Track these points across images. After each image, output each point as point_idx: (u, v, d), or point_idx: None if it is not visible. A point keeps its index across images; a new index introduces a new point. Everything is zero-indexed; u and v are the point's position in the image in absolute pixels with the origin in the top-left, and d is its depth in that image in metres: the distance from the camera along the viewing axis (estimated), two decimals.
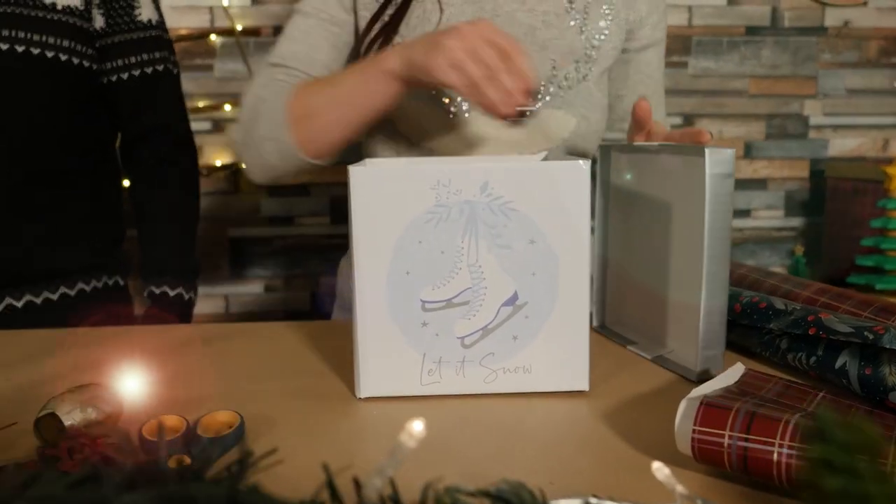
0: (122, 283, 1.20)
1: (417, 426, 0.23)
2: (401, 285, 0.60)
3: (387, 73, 0.81)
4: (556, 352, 0.61)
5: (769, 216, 1.93)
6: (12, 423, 0.55)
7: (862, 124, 1.93)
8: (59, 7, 1.06)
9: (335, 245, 1.82)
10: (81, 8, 1.08)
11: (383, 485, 0.21)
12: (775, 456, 0.43)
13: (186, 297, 1.16)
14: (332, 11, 0.96)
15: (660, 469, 0.29)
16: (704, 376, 0.64)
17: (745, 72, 1.87)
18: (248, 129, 0.92)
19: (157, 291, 1.14)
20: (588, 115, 0.97)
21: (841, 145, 1.93)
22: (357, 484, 0.22)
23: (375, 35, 0.94)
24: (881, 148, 1.95)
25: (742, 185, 1.91)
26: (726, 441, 0.45)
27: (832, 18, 1.88)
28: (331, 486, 0.22)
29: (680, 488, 0.28)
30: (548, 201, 0.59)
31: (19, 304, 1.06)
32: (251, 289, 1.82)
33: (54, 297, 1.09)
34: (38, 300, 1.07)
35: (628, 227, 0.78)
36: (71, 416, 0.50)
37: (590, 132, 0.98)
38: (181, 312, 1.16)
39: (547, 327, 0.61)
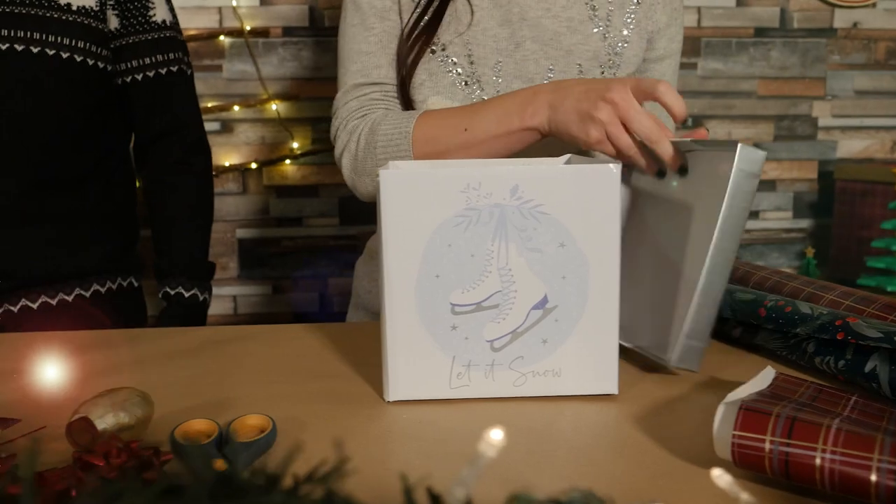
0: (136, 283, 1.20)
1: (496, 434, 0.23)
2: (430, 289, 0.60)
3: (531, 130, 0.81)
4: (585, 355, 0.61)
5: (778, 217, 1.93)
6: (41, 426, 0.55)
7: (871, 126, 1.93)
8: (74, 8, 1.06)
9: (344, 246, 1.82)
10: (96, 9, 1.08)
11: (464, 496, 0.21)
12: (818, 461, 0.43)
13: (201, 297, 1.16)
14: (381, 4, 0.95)
15: (721, 476, 0.29)
16: (679, 365, 0.64)
17: (753, 73, 1.87)
18: (362, 157, 0.92)
19: (172, 292, 1.14)
20: None
21: (849, 147, 1.93)
22: (433, 495, 0.22)
23: (418, 34, 0.94)
24: (890, 149, 1.95)
25: None
26: (767, 446, 0.45)
27: (841, 20, 1.88)
28: (409, 498, 0.22)
29: (745, 496, 0.28)
30: (578, 204, 0.59)
31: (34, 305, 1.06)
32: (260, 290, 1.82)
33: (69, 298, 1.08)
34: (54, 301, 1.07)
35: (639, 227, 0.78)
36: (104, 421, 0.50)
37: None
38: (196, 313, 1.16)
39: (577, 331, 0.61)
